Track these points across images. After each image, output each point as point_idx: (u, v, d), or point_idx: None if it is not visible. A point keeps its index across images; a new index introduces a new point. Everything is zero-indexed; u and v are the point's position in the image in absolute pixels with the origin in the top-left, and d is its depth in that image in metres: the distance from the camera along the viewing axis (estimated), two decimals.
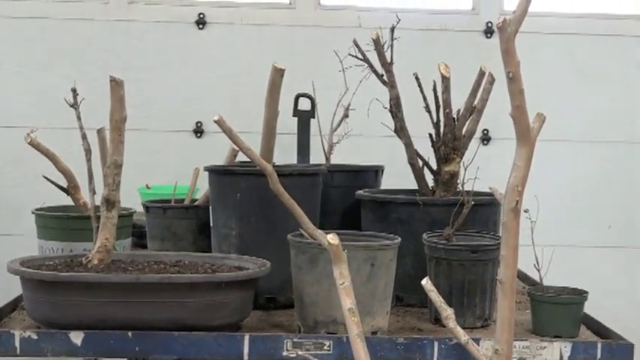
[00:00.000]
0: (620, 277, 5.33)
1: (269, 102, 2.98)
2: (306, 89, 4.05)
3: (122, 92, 2.67)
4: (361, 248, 2.61)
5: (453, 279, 2.78)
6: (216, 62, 5.20)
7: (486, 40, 5.25)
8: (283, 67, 2.92)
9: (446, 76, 3.19)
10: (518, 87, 2.00)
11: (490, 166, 3.35)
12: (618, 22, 5.32)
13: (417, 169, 3.31)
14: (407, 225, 3.08)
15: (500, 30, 1.95)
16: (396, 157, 3.67)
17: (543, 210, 2.88)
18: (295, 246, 2.67)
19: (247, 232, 2.99)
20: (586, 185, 5.31)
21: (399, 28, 3.31)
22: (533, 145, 2.08)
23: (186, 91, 5.18)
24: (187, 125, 5.19)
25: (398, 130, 3.30)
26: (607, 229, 5.33)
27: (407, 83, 3.33)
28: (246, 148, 2.64)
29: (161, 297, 2.53)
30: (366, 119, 3.87)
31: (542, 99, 4.79)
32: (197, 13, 5.18)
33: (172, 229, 3.47)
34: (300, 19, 5.22)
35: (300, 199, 2.70)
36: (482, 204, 3.05)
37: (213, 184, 3.12)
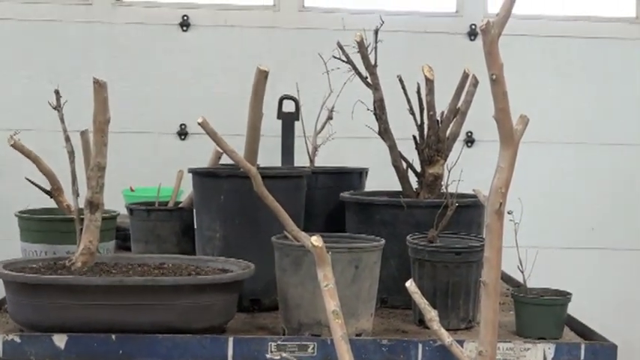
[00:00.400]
0: (604, 278, 5.35)
1: (253, 104, 2.98)
2: (290, 91, 4.05)
3: (105, 94, 2.66)
4: (345, 250, 2.61)
5: (437, 281, 2.79)
6: (200, 64, 5.19)
7: (470, 43, 5.26)
8: (267, 69, 2.92)
9: (430, 79, 3.20)
10: (501, 89, 2.00)
11: (474, 168, 3.35)
12: (601, 25, 5.35)
13: (400, 171, 3.31)
14: (391, 227, 3.08)
15: (483, 32, 1.96)
16: (380, 160, 3.67)
17: (527, 212, 2.89)
18: (279, 248, 2.67)
19: (231, 235, 2.98)
20: (569, 187, 5.33)
21: (382, 31, 3.31)
22: (517, 147, 2.08)
23: (170, 93, 5.17)
24: (171, 127, 5.19)
25: (382, 133, 3.31)
26: (590, 231, 5.35)
27: (391, 85, 3.33)
28: (230, 150, 2.64)
29: (145, 300, 2.52)
30: (350, 121, 3.87)
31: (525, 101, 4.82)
32: (181, 15, 5.18)
33: (156, 231, 3.46)
34: (284, 21, 5.22)
35: (284, 202, 2.70)
36: (465, 206, 3.05)
37: (197, 187, 3.12)
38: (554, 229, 5.30)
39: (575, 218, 5.33)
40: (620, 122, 5.36)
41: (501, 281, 3.32)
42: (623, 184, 5.36)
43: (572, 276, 5.08)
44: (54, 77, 4.89)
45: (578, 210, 5.33)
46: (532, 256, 2.83)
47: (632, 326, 5.30)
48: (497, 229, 2.11)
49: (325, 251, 2.19)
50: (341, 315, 2.17)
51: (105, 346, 2.51)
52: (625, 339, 3.87)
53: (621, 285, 5.38)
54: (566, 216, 5.32)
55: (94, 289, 2.52)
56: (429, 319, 2.40)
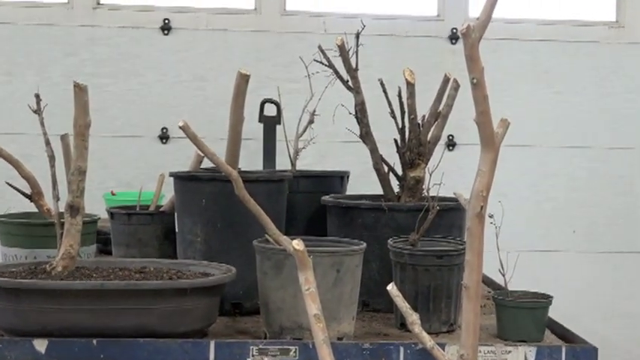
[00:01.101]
0: (585, 281, 5.37)
1: (234, 108, 2.98)
2: (272, 95, 4.05)
3: (86, 98, 2.65)
4: (327, 254, 2.61)
5: (419, 284, 2.79)
6: (181, 68, 5.19)
7: (451, 46, 5.28)
8: (248, 73, 2.91)
9: (411, 82, 3.20)
10: (482, 93, 2.00)
11: (455, 171, 3.37)
12: (583, 29, 5.38)
13: (382, 174, 3.31)
14: (372, 230, 3.08)
15: (464, 36, 1.96)
16: (361, 163, 3.68)
17: (508, 215, 2.90)
18: (261, 252, 2.67)
19: (213, 238, 2.98)
20: (550, 190, 5.36)
21: (364, 34, 3.32)
22: (498, 150, 2.08)
23: (152, 97, 5.17)
24: (152, 131, 5.18)
25: (363, 136, 3.31)
26: (571, 234, 5.38)
27: (372, 89, 3.34)
28: (212, 153, 2.64)
29: (126, 304, 2.51)
30: (332, 125, 3.88)
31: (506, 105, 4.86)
32: (162, 18, 5.17)
33: (137, 235, 3.45)
34: (266, 24, 5.22)
35: (265, 205, 2.69)
36: (447, 209, 3.06)
37: (178, 190, 3.11)
38: (535, 233, 5.32)
39: (556, 221, 5.36)
40: (600, 126, 5.39)
41: (483, 284, 3.33)
42: (604, 187, 5.39)
43: (554, 279, 5.11)
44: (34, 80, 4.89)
45: (559, 213, 5.36)
46: (513, 259, 2.84)
47: (613, 329, 5.32)
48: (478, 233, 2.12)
49: (307, 255, 2.19)
50: (322, 319, 2.17)
51: (86, 351, 2.50)
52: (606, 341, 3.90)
53: (602, 287, 5.40)
54: (547, 219, 5.35)
55: (75, 293, 2.51)
56: (411, 322, 2.40)
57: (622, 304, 5.37)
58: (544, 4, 5.42)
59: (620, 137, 5.39)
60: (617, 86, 5.38)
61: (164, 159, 5.01)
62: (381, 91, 3.28)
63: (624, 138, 5.38)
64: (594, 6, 5.45)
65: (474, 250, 2.13)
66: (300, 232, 3.34)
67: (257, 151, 3.92)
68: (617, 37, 5.39)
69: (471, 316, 2.18)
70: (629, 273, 5.38)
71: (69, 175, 2.75)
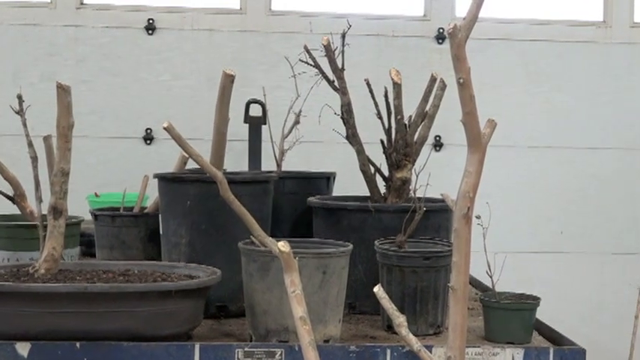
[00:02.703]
0: (572, 282, 5.39)
1: (219, 108, 2.97)
2: (257, 95, 4.05)
3: (69, 99, 2.64)
4: (313, 256, 2.60)
5: (406, 286, 2.79)
6: (165, 68, 5.18)
7: (438, 46, 5.28)
8: (233, 73, 2.91)
9: (397, 83, 3.21)
10: (468, 93, 2.01)
11: (442, 172, 3.37)
12: (571, 29, 5.39)
13: (368, 175, 3.32)
14: (359, 232, 3.09)
15: (450, 36, 1.96)
16: (347, 164, 3.68)
17: (495, 216, 2.90)
18: (246, 254, 2.66)
19: (197, 240, 2.97)
20: (538, 191, 5.37)
21: (350, 34, 3.32)
22: (485, 151, 2.09)
23: (136, 98, 5.16)
24: (137, 132, 5.17)
25: (349, 137, 3.31)
26: (559, 235, 5.39)
27: (358, 89, 3.34)
28: (196, 155, 2.63)
29: (110, 307, 2.50)
30: (318, 126, 3.88)
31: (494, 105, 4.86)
32: (146, 18, 5.16)
33: (121, 237, 3.45)
34: (251, 24, 5.22)
35: (251, 207, 2.69)
36: (433, 210, 3.06)
37: (162, 192, 3.11)
38: (522, 234, 5.33)
39: (543, 222, 5.37)
40: (589, 126, 5.40)
41: (470, 286, 3.34)
42: (592, 187, 5.40)
43: (541, 280, 5.12)
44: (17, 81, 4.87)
45: (547, 214, 5.37)
46: (500, 260, 2.84)
47: (601, 330, 5.33)
48: (465, 234, 2.12)
49: (292, 257, 2.19)
50: (308, 321, 2.17)
51: (69, 355, 2.49)
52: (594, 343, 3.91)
53: (590, 289, 5.42)
54: (534, 220, 5.36)
55: (58, 296, 2.50)
56: (398, 324, 2.40)
57: (610, 306, 5.38)
58: (533, 4, 5.43)
59: (609, 138, 5.40)
60: (605, 86, 5.39)
61: (148, 160, 5.00)
62: (367, 92, 3.28)
63: (613, 138, 5.40)
64: (583, 6, 5.46)
65: (461, 252, 2.13)
66: (285, 233, 3.34)
67: (242, 152, 3.92)
68: (605, 37, 5.40)
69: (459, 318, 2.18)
70: (617, 274, 5.40)
71: (52, 177, 2.74)
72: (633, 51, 5.41)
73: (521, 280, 3.74)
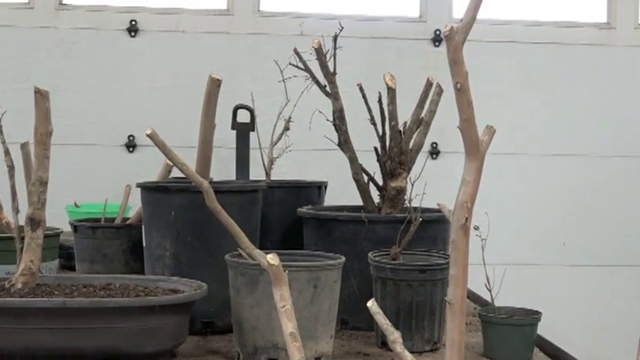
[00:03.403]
0: (576, 296, 5.40)
1: (205, 114, 2.98)
2: (245, 100, 4.05)
3: (47, 104, 2.64)
4: (303, 269, 2.61)
5: (401, 300, 2.80)
6: (149, 72, 5.18)
7: (434, 49, 5.30)
8: (220, 78, 2.92)
9: (392, 87, 3.21)
10: (466, 98, 2.01)
11: (439, 181, 3.38)
12: (572, 31, 5.40)
13: (361, 184, 3.32)
14: (352, 244, 3.09)
15: (447, 38, 1.96)
16: (339, 172, 3.68)
17: (494, 227, 2.91)
18: (233, 267, 2.66)
19: (182, 253, 2.97)
20: (539, 201, 5.38)
21: (342, 36, 3.33)
22: (483, 159, 2.09)
23: (117, 103, 5.16)
24: (118, 139, 5.17)
25: (342, 144, 3.32)
26: (561, 247, 5.40)
27: (351, 94, 3.35)
28: (181, 163, 2.63)
29: (90, 323, 2.50)
30: (309, 132, 3.88)
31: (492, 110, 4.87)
32: (129, 19, 5.17)
33: (102, 250, 3.44)
34: (239, 26, 5.23)
35: (238, 217, 2.69)
36: (430, 221, 3.06)
37: (146, 202, 3.11)
38: (523, 245, 5.34)
39: (545, 233, 5.38)
40: (593, 132, 5.42)
41: (468, 300, 3.34)
42: (597, 196, 5.41)
43: (543, 294, 5.13)
44: None
45: (549, 225, 5.38)
46: (500, 273, 2.84)
47: (606, 345, 5.34)
48: (463, 246, 2.12)
49: (282, 270, 2.19)
50: (299, 337, 2.17)
51: None
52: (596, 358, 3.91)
53: (595, 302, 5.42)
54: (535, 231, 5.37)
55: (36, 311, 2.49)
56: (392, 340, 2.40)
57: (616, 321, 5.39)
58: (533, 5, 5.45)
59: (614, 144, 5.42)
60: (610, 90, 5.41)
61: (131, 169, 5.00)
62: (360, 97, 3.29)
63: (618, 145, 5.42)
64: (585, 6, 5.48)
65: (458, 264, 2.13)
66: (275, 245, 3.34)
67: (229, 160, 3.92)
68: (609, 39, 5.42)
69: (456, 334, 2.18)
70: (623, 287, 5.41)
71: (29, 186, 2.74)
72: (638, 53, 5.43)
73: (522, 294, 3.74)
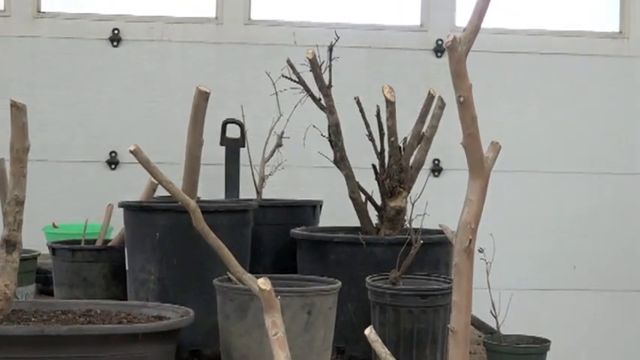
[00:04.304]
0: (587, 323, 5.39)
1: (192, 129, 2.98)
2: (235, 115, 4.05)
3: (24, 119, 2.64)
4: (297, 294, 2.61)
5: (401, 328, 2.80)
6: (132, 84, 5.19)
7: (436, 60, 5.31)
8: (208, 90, 2.92)
9: (391, 101, 3.22)
10: (470, 113, 2.02)
11: (441, 200, 3.38)
12: (582, 40, 5.41)
13: (359, 204, 3.32)
14: (348, 267, 3.09)
15: (449, 49, 1.97)
16: (335, 191, 3.68)
17: (500, 250, 2.91)
18: (222, 292, 2.66)
19: (168, 277, 2.97)
20: (548, 221, 5.37)
21: (338, 46, 3.34)
22: (488, 177, 2.10)
23: (99, 117, 5.16)
24: (100, 155, 5.17)
25: (338, 161, 3.32)
26: (572, 270, 5.40)
27: (347, 108, 3.35)
28: (166, 181, 2.63)
29: (69, 352, 2.49)
30: (302, 149, 3.89)
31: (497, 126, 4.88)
32: (111, 28, 5.17)
33: (82, 273, 3.44)
34: (228, 35, 5.24)
35: (227, 239, 2.69)
36: (431, 243, 3.07)
37: (129, 223, 3.11)
38: (530, 269, 5.34)
39: (554, 256, 5.37)
40: (605, 148, 5.42)
41: (472, 328, 3.34)
42: (609, 217, 5.41)
43: (552, 321, 5.13)
44: None
45: (558, 247, 5.38)
46: (506, 299, 2.85)
47: None
48: (466, 270, 2.12)
49: (274, 295, 2.19)
50: None
51: None
52: None
53: (606, 330, 5.42)
54: (544, 254, 5.37)
55: (11, 340, 2.49)
56: None
57: (628, 349, 5.39)
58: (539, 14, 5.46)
59: (628, 162, 5.42)
60: (624, 104, 5.41)
61: (113, 187, 5.00)
62: (357, 111, 3.30)
63: (632, 163, 5.41)
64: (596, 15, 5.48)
65: (462, 290, 2.14)
66: (266, 269, 3.34)
67: (218, 178, 3.92)
68: (621, 49, 5.43)
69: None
70: (636, 314, 5.41)
71: (5, 206, 2.73)
72: None
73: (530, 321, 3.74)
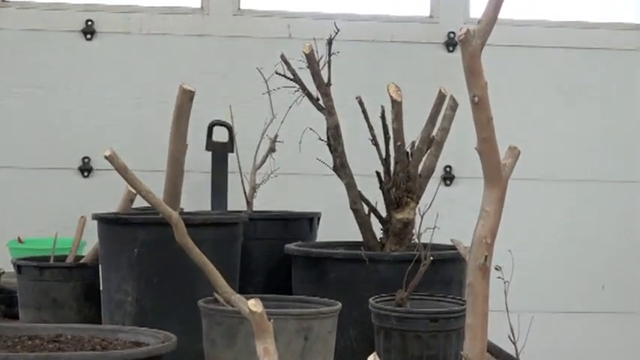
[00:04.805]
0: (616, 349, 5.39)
1: (175, 132, 2.98)
2: (223, 116, 4.06)
3: None
4: (292, 317, 2.61)
5: (408, 355, 2.80)
6: (108, 81, 5.18)
7: (447, 55, 5.31)
8: (193, 89, 2.92)
9: (397, 100, 3.22)
10: (485, 114, 2.02)
11: (453, 212, 3.39)
12: (611, 33, 5.40)
13: (361, 216, 3.32)
14: (349, 287, 3.09)
15: (462, 43, 1.97)
16: (335, 202, 3.68)
17: (519, 267, 2.91)
18: (208, 315, 2.66)
19: (147, 298, 2.97)
20: (573, 235, 5.37)
21: (338, 40, 3.34)
22: (505, 186, 2.10)
23: (70, 118, 5.15)
24: (71, 161, 5.16)
25: (337, 168, 3.32)
26: (600, 291, 5.39)
27: (348, 109, 3.36)
28: (146, 190, 2.64)
29: None
30: (298, 154, 3.89)
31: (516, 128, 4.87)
32: (84, 19, 5.17)
33: (51, 294, 3.44)
34: (215, 27, 5.24)
35: (214, 256, 2.69)
36: (443, 260, 3.07)
37: (103, 237, 3.11)
38: (553, 289, 5.33)
39: (580, 274, 5.37)
40: (635, 153, 5.41)
41: (488, 355, 3.34)
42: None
43: (577, 347, 5.12)
44: None
45: (585, 265, 5.37)
46: (526, 322, 2.84)
47: None
48: (481, 290, 2.13)
49: (266, 318, 2.19)
50: None
51: None
52: None
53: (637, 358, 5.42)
54: (569, 272, 5.36)
55: None
56: None
57: None
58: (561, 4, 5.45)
59: None
60: None
61: (86, 197, 4.99)
62: (359, 112, 3.30)
63: None
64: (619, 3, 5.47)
65: (476, 312, 2.14)
66: (258, 289, 3.35)
67: (204, 187, 3.93)
68: None
69: None
70: None
71: None
72: None
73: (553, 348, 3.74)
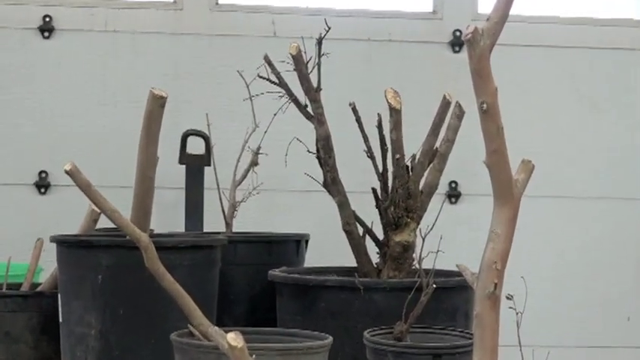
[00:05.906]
0: None
1: (145, 143, 2.98)
2: (199, 125, 4.06)
3: None
4: (276, 353, 2.61)
5: None
6: (68, 86, 5.18)
7: (453, 56, 5.31)
8: (165, 94, 2.93)
9: (395, 108, 3.22)
10: (495, 123, 2.03)
11: (459, 234, 3.38)
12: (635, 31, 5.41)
13: (355, 238, 3.33)
14: (342, 318, 3.09)
15: (469, 43, 1.98)
16: (325, 222, 3.69)
17: (533, 296, 2.92)
18: (182, 350, 2.66)
19: (112, 331, 2.97)
20: (594, 261, 5.37)
21: (329, 39, 3.34)
22: (518, 204, 2.11)
23: (25, 128, 5.15)
24: (26, 176, 5.16)
25: (328, 184, 3.33)
26: (625, 322, 5.40)
27: (341, 117, 3.36)
28: (111, 209, 2.64)
29: None
30: (283, 168, 3.89)
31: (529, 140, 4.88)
32: (41, 15, 5.17)
33: (4, 326, 3.44)
34: (190, 24, 5.24)
35: (189, 283, 2.70)
36: (447, 288, 3.07)
37: (63, 262, 3.11)
38: (571, 321, 5.34)
39: (601, 305, 5.38)
40: None
41: None
42: None
43: None
44: None
45: (607, 293, 5.38)
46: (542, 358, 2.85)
47: None
48: (490, 321, 2.13)
49: (247, 354, 2.20)
50: None
51: None
52: None
53: None
54: (589, 302, 5.37)
55: None
56: None
57: None
58: None
59: None
60: None
61: (43, 217, 4.99)
62: (353, 120, 3.30)
63: None
64: None
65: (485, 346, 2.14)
66: (238, 320, 3.34)
67: (177, 205, 3.92)
68: None
69: None
70: None
71: None
72: None
73: None
